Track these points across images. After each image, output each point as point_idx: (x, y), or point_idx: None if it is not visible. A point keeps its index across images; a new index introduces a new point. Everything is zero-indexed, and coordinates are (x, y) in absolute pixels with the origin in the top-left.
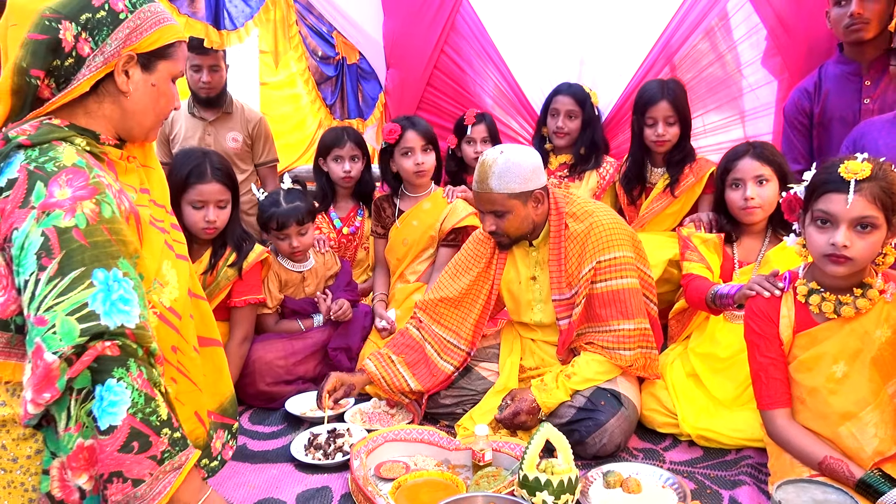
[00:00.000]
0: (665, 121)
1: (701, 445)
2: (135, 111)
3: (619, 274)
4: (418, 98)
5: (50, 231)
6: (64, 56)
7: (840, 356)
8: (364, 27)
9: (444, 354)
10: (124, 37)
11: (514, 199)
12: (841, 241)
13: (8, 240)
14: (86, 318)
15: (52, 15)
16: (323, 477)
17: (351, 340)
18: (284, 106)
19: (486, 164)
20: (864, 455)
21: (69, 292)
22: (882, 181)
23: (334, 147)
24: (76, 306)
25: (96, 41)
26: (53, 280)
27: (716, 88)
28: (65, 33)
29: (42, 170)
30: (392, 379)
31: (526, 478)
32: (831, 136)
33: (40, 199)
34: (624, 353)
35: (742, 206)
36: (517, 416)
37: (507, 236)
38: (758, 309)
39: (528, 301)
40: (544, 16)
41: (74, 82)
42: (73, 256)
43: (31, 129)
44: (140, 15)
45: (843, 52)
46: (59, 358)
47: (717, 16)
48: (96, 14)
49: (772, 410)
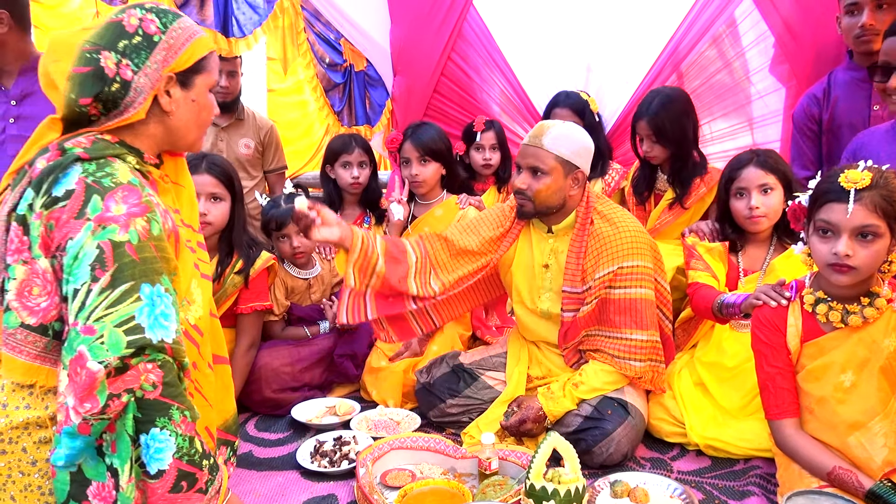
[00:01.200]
0: (648, 138)
1: (709, 455)
2: (179, 128)
3: (638, 283)
4: (425, 105)
5: (105, 244)
6: (109, 82)
7: (848, 365)
8: (371, 34)
9: (419, 276)
10: (162, 59)
11: (558, 163)
12: (843, 251)
13: (61, 248)
14: (132, 331)
15: (91, 48)
16: (329, 485)
17: (357, 347)
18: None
19: (545, 124)
20: (873, 465)
21: (118, 304)
22: (883, 189)
23: (343, 153)
24: (123, 318)
25: (137, 64)
26: (105, 291)
27: (723, 96)
28: (106, 62)
29: (99, 184)
30: (368, 243)
31: (533, 487)
32: (840, 143)
33: (96, 213)
34: (634, 363)
35: (747, 216)
36: (523, 424)
37: (532, 202)
38: (765, 318)
39: (536, 288)
40: (551, 23)
41: (124, 106)
42: (124, 270)
43: (86, 142)
44: (171, 34)
45: (852, 58)
46: (104, 368)
47: (725, 23)
48: (132, 40)
49: (780, 420)
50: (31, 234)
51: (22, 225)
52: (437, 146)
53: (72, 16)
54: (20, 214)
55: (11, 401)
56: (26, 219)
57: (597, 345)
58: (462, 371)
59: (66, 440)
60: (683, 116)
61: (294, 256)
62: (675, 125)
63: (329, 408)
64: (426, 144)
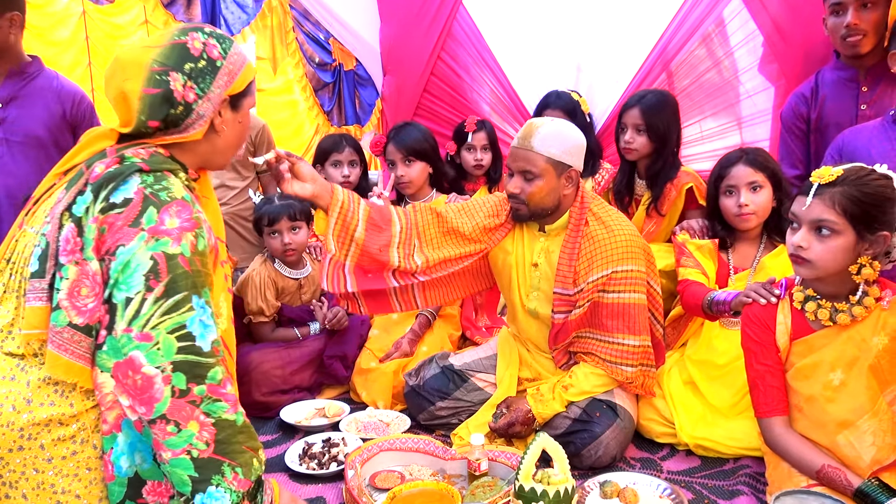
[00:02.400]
0: (634, 128)
1: (698, 455)
2: (224, 147)
3: (631, 288)
4: (415, 104)
5: (158, 255)
6: (176, 105)
7: (837, 364)
8: (361, 34)
9: (402, 247)
10: (223, 84)
11: (550, 164)
12: (797, 241)
13: (111, 252)
14: (184, 338)
15: (160, 68)
16: (317, 487)
17: (347, 348)
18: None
19: (534, 124)
20: (861, 464)
21: (172, 313)
22: (851, 188)
23: (333, 152)
24: (176, 326)
25: (201, 88)
26: (159, 301)
27: (713, 95)
28: (174, 83)
29: (156, 197)
30: (349, 206)
31: (522, 488)
32: (827, 142)
33: (151, 224)
34: (626, 368)
35: (736, 213)
36: (512, 427)
37: (527, 205)
38: (754, 316)
39: (526, 287)
40: (541, 22)
41: (184, 126)
42: (178, 281)
43: (145, 154)
44: (230, 60)
45: (839, 57)
46: (160, 372)
47: (714, 22)
48: (198, 63)
49: (769, 418)
50: (85, 236)
51: (77, 226)
52: (420, 146)
53: (58, 15)
54: (76, 216)
55: (37, 397)
56: (82, 221)
57: (588, 347)
58: (452, 373)
59: (126, 429)
60: (672, 117)
61: (285, 254)
62: (664, 122)
63: (318, 409)
64: (409, 145)
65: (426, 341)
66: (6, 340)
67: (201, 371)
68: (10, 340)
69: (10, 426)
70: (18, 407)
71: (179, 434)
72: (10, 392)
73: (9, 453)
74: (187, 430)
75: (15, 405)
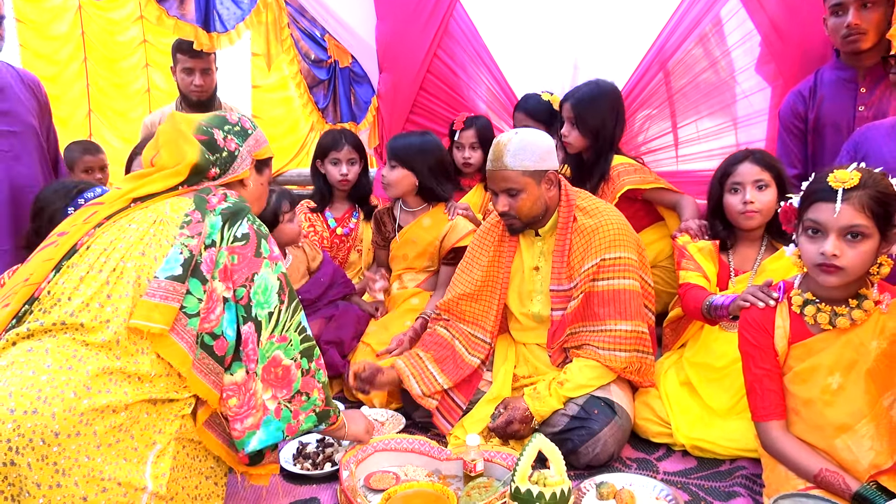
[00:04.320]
0: (569, 121)
1: (695, 455)
2: (250, 201)
3: (621, 274)
4: (411, 102)
5: (281, 276)
6: (220, 150)
7: (835, 368)
8: (357, 30)
9: (472, 349)
10: (254, 144)
11: (528, 176)
12: (830, 251)
13: (250, 279)
14: (302, 331)
15: (206, 124)
16: (311, 488)
17: (343, 334)
18: (277, 109)
19: (500, 143)
20: (859, 468)
21: (294, 315)
22: (872, 189)
23: (332, 150)
24: (297, 325)
25: (240, 142)
26: (287, 310)
27: (709, 94)
28: (217, 135)
29: (261, 231)
30: (421, 375)
31: (518, 490)
32: (824, 143)
33: (267, 252)
34: (619, 353)
35: (741, 211)
36: (510, 426)
37: (518, 218)
38: (752, 320)
39: (528, 292)
40: (538, 20)
41: (233, 170)
42: (292, 293)
43: (235, 196)
44: (256, 133)
45: (839, 57)
46: (293, 361)
47: (711, 22)
48: (234, 128)
49: (767, 422)
50: (217, 259)
51: (215, 248)
52: (405, 153)
53: (55, 10)
54: (211, 240)
55: (94, 384)
56: (216, 245)
57: (582, 340)
58: None
59: (264, 427)
60: (608, 111)
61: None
62: (596, 115)
63: None
64: (395, 149)
65: None
66: (80, 332)
67: (314, 352)
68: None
69: (72, 411)
70: (79, 393)
71: (309, 401)
72: (70, 380)
73: (67, 439)
74: (314, 396)
75: (76, 391)
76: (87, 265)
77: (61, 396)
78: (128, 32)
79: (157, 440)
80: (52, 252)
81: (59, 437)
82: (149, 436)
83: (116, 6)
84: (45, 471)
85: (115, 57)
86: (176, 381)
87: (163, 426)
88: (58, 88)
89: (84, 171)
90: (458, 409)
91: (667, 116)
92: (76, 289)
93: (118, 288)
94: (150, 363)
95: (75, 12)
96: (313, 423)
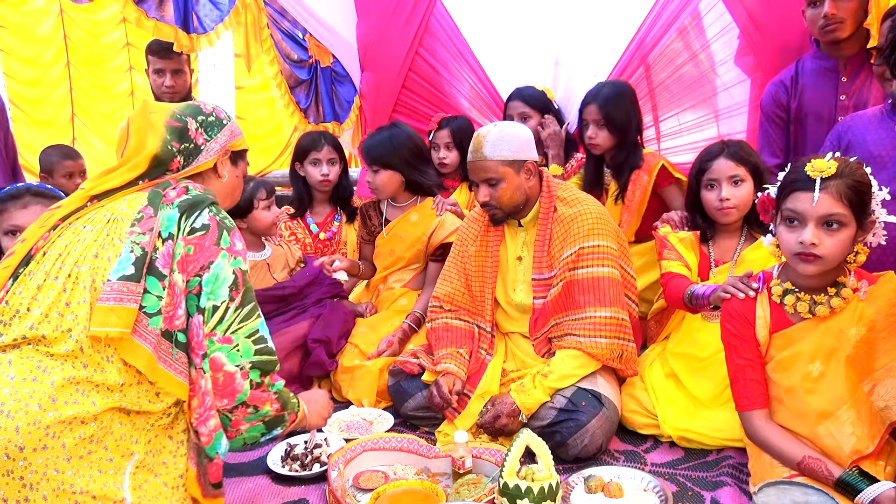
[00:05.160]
0: (595, 123)
1: (682, 446)
2: (224, 193)
3: (600, 262)
4: (393, 101)
5: (237, 271)
6: (189, 140)
7: (816, 355)
8: (337, 30)
9: (482, 342)
10: (227, 137)
11: (508, 166)
12: (808, 239)
13: (205, 268)
14: (258, 342)
15: (180, 112)
16: (300, 489)
17: (330, 332)
18: (260, 110)
19: (480, 135)
20: (842, 454)
21: (247, 320)
22: (849, 178)
23: (311, 150)
24: (251, 332)
25: (209, 135)
26: (238, 309)
27: (690, 87)
28: (189, 124)
29: (224, 223)
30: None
31: (506, 486)
32: (806, 132)
33: (227, 245)
34: (600, 340)
35: (718, 207)
36: (498, 420)
37: (500, 208)
38: (733, 311)
39: (511, 281)
40: (519, 17)
41: (197, 161)
42: (248, 293)
43: (199, 189)
44: (231, 125)
45: (819, 47)
46: (239, 369)
47: (690, 15)
48: (208, 118)
49: (750, 412)
50: (175, 251)
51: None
52: (382, 154)
53: (35, 13)
54: (168, 233)
55: (60, 395)
56: (172, 238)
57: (564, 330)
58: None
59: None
60: (631, 106)
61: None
62: (622, 113)
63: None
64: (371, 154)
65: (413, 341)
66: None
67: (271, 367)
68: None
69: (37, 424)
70: (44, 405)
71: (257, 413)
72: (34, 392)
73: (32, 453)
74: (264, 409)
75: (41, 404)
76: (43, 272)
77: (25, 409)
78: (111, 35)
79: (134, 450)
80: (8, 260)
81: (25, 452)
82: (125, 446)
83: (99, 8)
84: (12, 486)
85: (99, 59)
86: (149, 390)
87: (139, 436)
88: (41, 91)
89: (64, 177)
90: (466, 399)
91: (648, 110)
92: (34, 298)
93: (75, 294)
94: (118, 372)
95: (57, 16)
96: (260, 432)
